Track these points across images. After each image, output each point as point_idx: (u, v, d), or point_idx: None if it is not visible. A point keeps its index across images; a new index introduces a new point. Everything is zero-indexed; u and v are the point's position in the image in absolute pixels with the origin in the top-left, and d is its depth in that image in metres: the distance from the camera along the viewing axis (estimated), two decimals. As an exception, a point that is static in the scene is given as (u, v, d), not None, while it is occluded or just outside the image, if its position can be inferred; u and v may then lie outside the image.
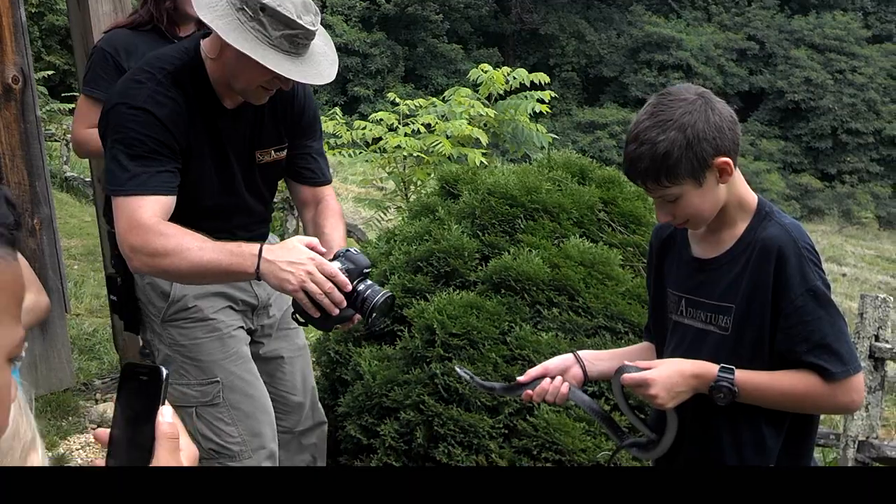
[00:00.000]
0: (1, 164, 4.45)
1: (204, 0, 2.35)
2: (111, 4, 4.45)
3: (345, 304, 2.25)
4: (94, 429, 4.57)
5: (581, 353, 2.26)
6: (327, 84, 2.59)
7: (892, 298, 4.90)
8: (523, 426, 3.03)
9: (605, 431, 2.94)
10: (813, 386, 1.92)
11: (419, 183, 7.02)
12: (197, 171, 2.51)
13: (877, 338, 4.77)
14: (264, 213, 2.77)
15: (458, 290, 3.26)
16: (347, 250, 2.36)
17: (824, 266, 2.01)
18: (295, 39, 2.33)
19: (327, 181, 2.80)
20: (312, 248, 2.30)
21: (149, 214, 2.34)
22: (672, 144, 1.88)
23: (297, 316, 2.34)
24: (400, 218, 4.18)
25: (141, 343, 4.58)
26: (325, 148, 8.27)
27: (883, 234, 31.62)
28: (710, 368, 1.95)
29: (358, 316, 2.34)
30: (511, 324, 3.16)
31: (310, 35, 2.37)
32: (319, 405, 2.98)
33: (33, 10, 23.93)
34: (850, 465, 4.77)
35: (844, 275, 18.71)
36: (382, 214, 7.27)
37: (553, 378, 2.18)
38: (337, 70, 2.51)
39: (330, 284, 2.23)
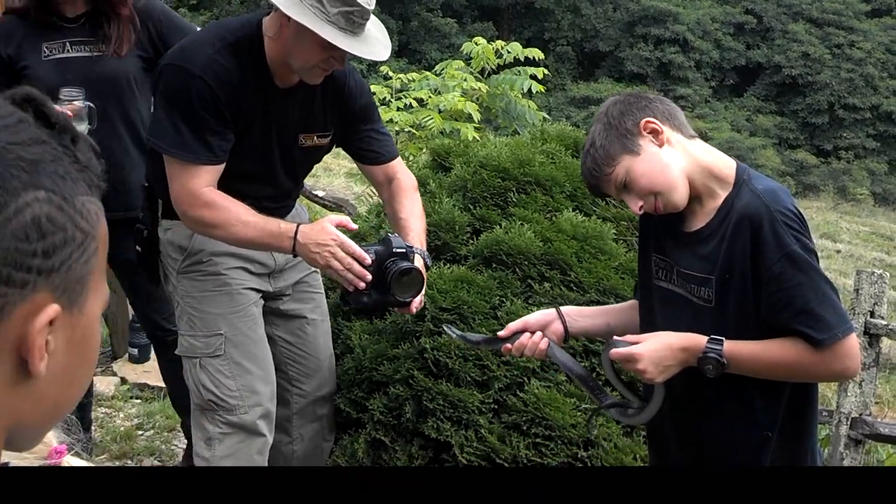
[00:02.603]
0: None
1: None
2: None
3: (368, 277, 2.47)
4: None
5: (564, 308, 2.25)
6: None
7: (888, 275, 4.87)
8: (513, 401, 3.00)
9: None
10: (802, 354, 1.90)
11: (411, 157, 6.96)
12: (241, 142, 2.63)
13: (872, 314, 4.74)
14: (293, 191, 2.93)
15: (448, 265, 3.23)
16: (388, 236, 2.61)
17: (819, 242, 2.00)
18: (351, 17, 2.44)
19: (393, 156, 2.93)
20: (343, 226, 2.54)
21: (200, 184, 2.54)
22: (597, 135, 1.99)
23: (346, 298, 2.59)
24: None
25: (131, 317, 4.56)
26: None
27: (878, 210, 31.62)
28: (699, 340, 1.94)
29: (416, 302, 2.59)
30: (502, 298, 3.12)
31: (365, 14, 2.48)
32: (335, 378, 3.11)
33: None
34: (842, 441, 4.76)
35: (839, 251, 18.67)
36: (374, 189, 7.24)
37: (533, 333, 2.17)
38: (389, 52, 2.62)
39: (349, 260, 2.47)
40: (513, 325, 2.21)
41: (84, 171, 0.83)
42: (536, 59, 7.61)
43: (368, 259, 2.48)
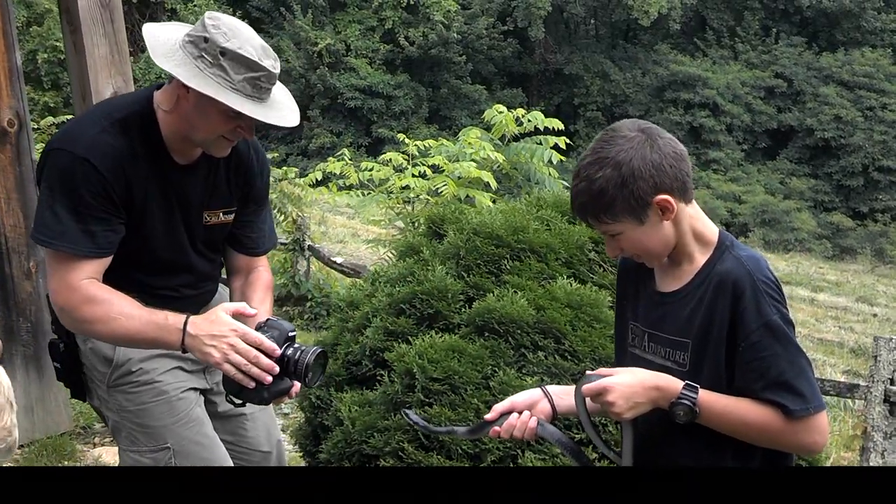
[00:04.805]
0: (-3, 207, 4.46)
1: (160, 49, 2.29)
2: (108, 48, 4.47)
3: (277, 369, 2.21)
4: (88, 474, 4.52)
5: (549, 387, 2.21)
6: (351, 126, 2.48)
7: (907, 340, 4.74)
8: (506, 475, 2.91)
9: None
10: (773, 419, 1.87)
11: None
12: (143, 227, 2.44)
13: (892, 381, 4.60)
14: (211, 272, 2.68)
15: (440, 333, 3.18)
16: (269, 319, 2.33)
17: (855, 306, 1.96)
18: (257, 83, 2.28)
19: (264, 251, 2.72)
20: (241, 314, 2.28)
21: (81, 277, 2.31)
22: (607, 182, 1.88)
23: (232, 397, 2.30)
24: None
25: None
26: (333, 189, 8.28)
27: (917, 273, 31.03)
28: (674, 383, 1.91)
29: (296, 387, 2.31)
30: (494, 368, 3.06)
31: (272, 78, 2.31)
32: (286, 460, 2.87)
33: (62, 56, 24.47)
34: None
35: (875, 315, 18.25)
36: (391, 255, 7.25)
37: (521, 413, 2.12)
38: (299, 117, 2.43)
39: (255, 352, 2.20)
40: (499, 407, 2.16)
41: None
42: (556, 129, 7.65)
43: (278, 350, 2.22)
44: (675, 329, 1.96)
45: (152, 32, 2.34)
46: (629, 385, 1.91)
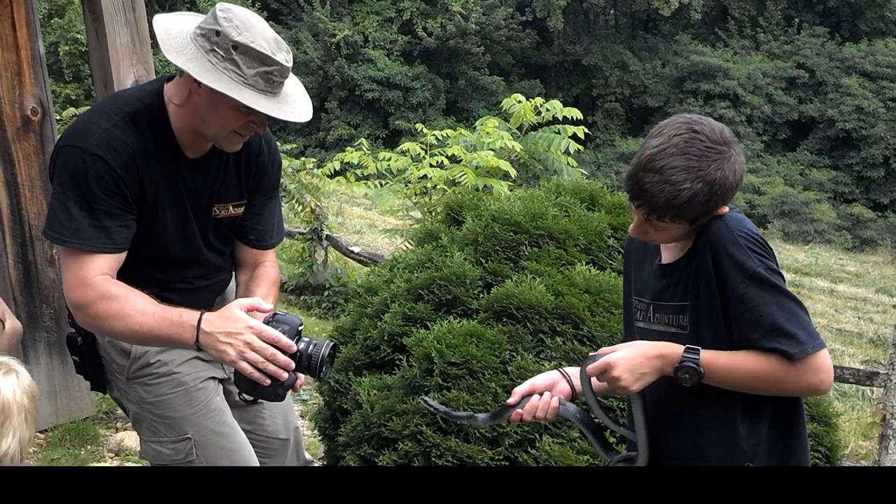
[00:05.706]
0: (21, 194, 4.52)
1: (172, 44, 2.27)
2: (129, 36, 4.50)
3: (293, 366, 2.20)
4: (112, 458, 4.58)
5: (567, 368, 2.25)
6: (368, 118, 2.41)
7: (929, 329, 4.71)
8: (524, 458, 2.94)
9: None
10: (776, 366, 1.90)
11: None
12: (154, 222, 2.42)
13: (911, 369, 4.58)
14: (222, 264, 2.66)
15: (458, 319, 3.20)
16: (276, 313, 2.29)
17: (875, 297, 1.99)
18: (270, 77, 2.26)
19: (272, 245, 2.68)
20: (255, 309, 2.26)
21: (95, 273, 2.29)
22: (695, 196, 1.89)
23: (244, 395, 2.30)
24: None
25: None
26: (351, 179, 8.29)
27: (938, 264, 30.74)
28: (675, 349, 1.96)
29: (302, 379, 2.28)
30: (512, 353, 3.08)
31: (284, 72, 2.29)
32: (303, 446, 2.87)
33: (83, 49, 24.61)
34: None
35: (895, 306, 18.18)
36: (409, 244, 7.27)
37: (541, 394, 2.17)
38: (312, 111, 2.40)
39: (272, 350, 2.19)
40: (520, 389, 2.20)
41: None
42: (574, 118, 7.64)
43: (294, 346, 2.20)
44: (677, 294, 2.02)
45: (163, 25, 2.31)
46: (632, 358, 1.95)
